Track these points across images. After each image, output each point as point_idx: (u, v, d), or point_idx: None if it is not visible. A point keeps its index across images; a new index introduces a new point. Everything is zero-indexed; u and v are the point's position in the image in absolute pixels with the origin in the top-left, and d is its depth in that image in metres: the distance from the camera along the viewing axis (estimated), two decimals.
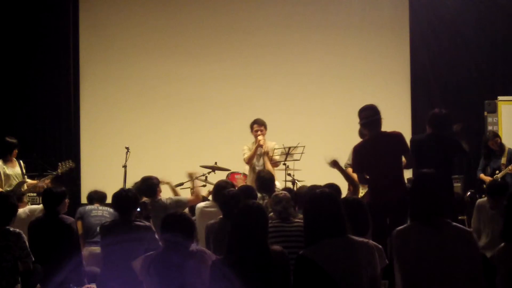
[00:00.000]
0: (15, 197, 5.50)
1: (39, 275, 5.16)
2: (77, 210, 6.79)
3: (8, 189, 7.16)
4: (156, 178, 6.43)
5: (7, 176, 7.42)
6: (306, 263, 3.44)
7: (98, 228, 6.24)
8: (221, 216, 5.33)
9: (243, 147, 8.26)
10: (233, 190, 5.55)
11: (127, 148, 8.33)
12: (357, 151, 5.96)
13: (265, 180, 6.51)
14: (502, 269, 3.86)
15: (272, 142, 8.24)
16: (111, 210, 6.28)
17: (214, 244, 5.06)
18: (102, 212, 6.61)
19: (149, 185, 6.35)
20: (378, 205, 5.60)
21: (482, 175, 8.47)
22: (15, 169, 7.55)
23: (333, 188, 6.83)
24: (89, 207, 6.75)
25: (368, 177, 5.91)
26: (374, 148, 5.83)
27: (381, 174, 5.78)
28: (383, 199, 5.67)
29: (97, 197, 6.95)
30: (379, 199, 5.68)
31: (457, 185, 8.61)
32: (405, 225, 3.56)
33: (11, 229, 4.95)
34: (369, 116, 5.83)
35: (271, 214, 5.13)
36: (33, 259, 4.94)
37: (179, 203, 6.36)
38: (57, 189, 5.67)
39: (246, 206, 3.76)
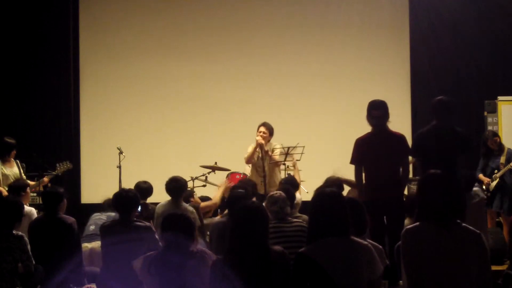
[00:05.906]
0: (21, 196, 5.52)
1: (40, 276, 5.15)
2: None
3: None
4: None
5: (6, 176, 7.43)
6: (306, 260, 3.46)
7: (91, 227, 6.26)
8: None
9: (248, 148, 8.25)
10: (242, 191, 5.49)
11: (120, 149, 8.36)
12: (359, 144, 5.98)
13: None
14: None
15: (278, 144, 8.18)
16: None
17: (216, 242, 5.06)
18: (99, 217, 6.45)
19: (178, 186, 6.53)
20: (375, 204, 5.62)
21: (480, 176, 8.45)
22: (13, 169, 7.57)
23: (336, 184, 6.89)
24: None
25: (364, 172, 5.94)
26: (376, 144, 5.86)
27: (378, 171, 5.81)
28: (380, 197, 5.69)
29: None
30: (376, 198, 5.70)
31: None
32: (414, 225, 3.54)
33: (14, 231, 4.97)
34: (381, 116, 5.87)
35: None
36: (34, 262, 4.95)
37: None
38: (57, 189, 5.69)
39: (246, 206, 3.75)
